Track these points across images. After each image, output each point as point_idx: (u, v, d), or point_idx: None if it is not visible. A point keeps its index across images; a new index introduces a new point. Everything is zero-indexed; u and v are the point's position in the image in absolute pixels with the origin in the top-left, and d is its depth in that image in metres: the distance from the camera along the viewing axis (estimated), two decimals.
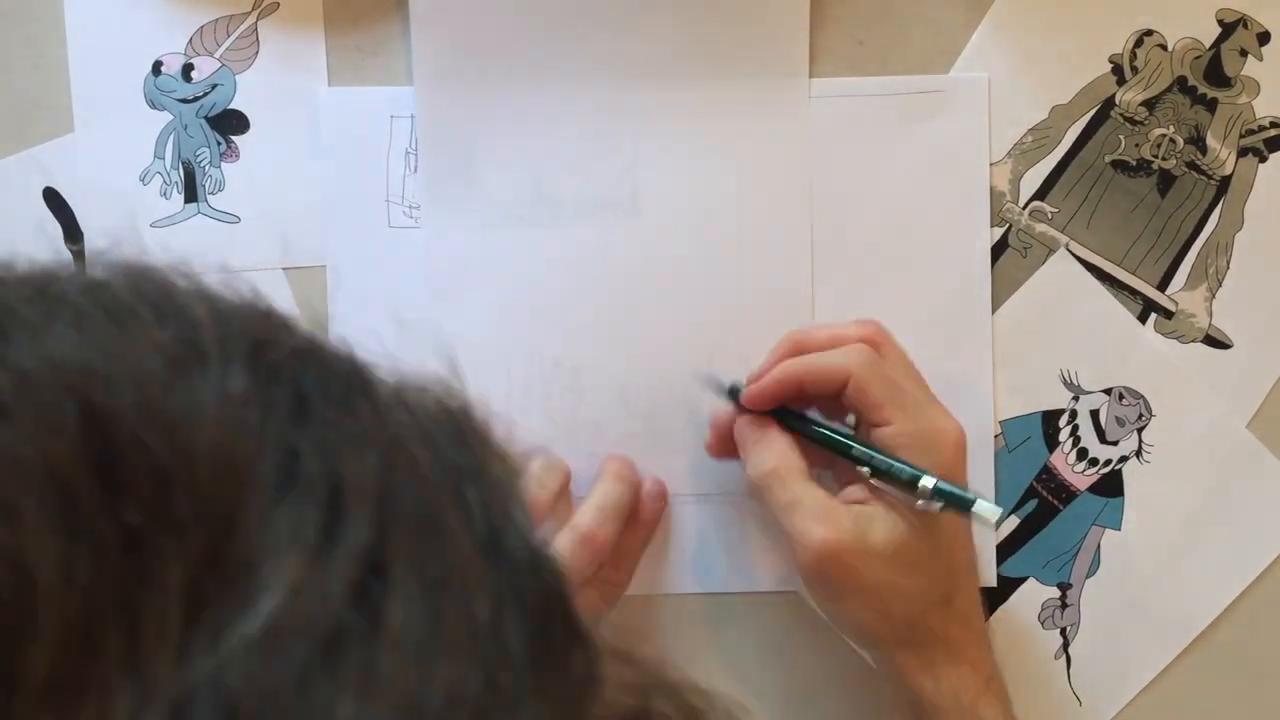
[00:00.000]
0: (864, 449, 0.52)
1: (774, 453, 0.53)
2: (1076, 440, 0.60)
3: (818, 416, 0.55)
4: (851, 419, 0.54)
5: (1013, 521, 0.60)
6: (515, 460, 0.24)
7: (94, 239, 0.59)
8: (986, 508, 0.49)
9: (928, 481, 0.50)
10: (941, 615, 0.52)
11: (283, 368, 0.22)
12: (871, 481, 0.51)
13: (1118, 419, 0.60)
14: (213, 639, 0.18)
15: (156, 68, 0.59)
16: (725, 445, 0.55)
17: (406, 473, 0.21)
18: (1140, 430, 0.60)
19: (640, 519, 0.57)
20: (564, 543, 0.54)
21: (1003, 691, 0.53)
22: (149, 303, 0.22)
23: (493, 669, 0.20)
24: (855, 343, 0.52)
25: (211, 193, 0.59)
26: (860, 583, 0.51)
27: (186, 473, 0.19)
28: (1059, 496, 0.60)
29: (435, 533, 0.21)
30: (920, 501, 0.50)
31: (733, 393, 0.54)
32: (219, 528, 0.19)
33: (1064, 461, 0.60)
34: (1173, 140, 0.60)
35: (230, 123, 0.59)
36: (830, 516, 0.50)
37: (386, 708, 0.18)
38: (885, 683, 0.55)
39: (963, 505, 0.49)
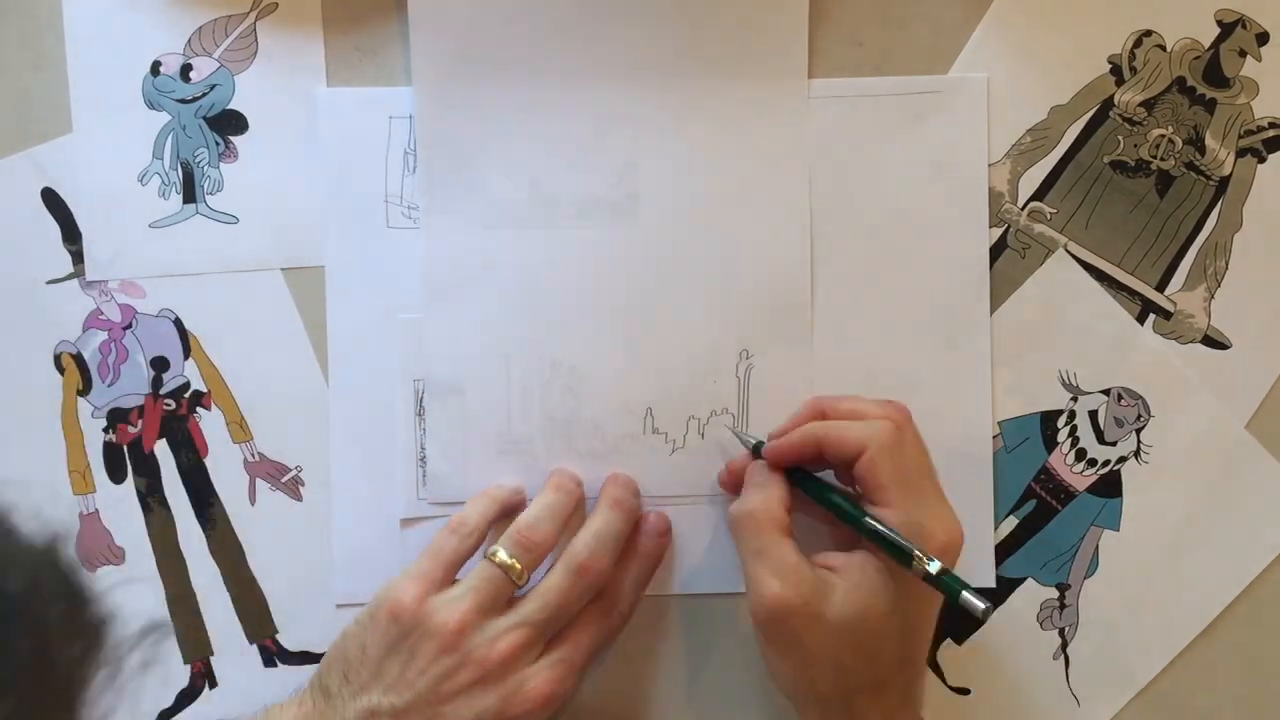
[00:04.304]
0: (874, 523, 0.51)
1: (762, 498, 0.54)
2: (1075, 441, 0.60)
3: (832, 480, 0.56)
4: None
5: (1011, 522, 0.60)
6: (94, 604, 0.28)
7: (92, 239, 0.59)
8: (973, 600, 0.48)
9: (932, 567, 0.49)
10: (868, 699, 0.51)
11: None
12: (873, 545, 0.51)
13: (1116, 419, 0.60)
14: None
15: (155, 68, 0.59)
16: (736, 485, 0.57)
17: None
18: (1139, 431, 0.60)
19: (640, 550, 0.58)
20: (560, 572, 0.54)
21: None
22: None
23: None
24: (879, 419, 0.53)
25: (210, 193, 0.59)
26: (800, 645, 0.51)
27: None
28: (1057, 497, 0.60)
29: None
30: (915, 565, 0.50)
31: (757, 449, 0.56)
32: None
33: (1062, 462, 0.60)
34: (1171, 141, 0.60)
35: (229, 123, 0.59)
36: (790, 576, 0.51)
37: None
38: None
39: (950, 592, 0.49)
